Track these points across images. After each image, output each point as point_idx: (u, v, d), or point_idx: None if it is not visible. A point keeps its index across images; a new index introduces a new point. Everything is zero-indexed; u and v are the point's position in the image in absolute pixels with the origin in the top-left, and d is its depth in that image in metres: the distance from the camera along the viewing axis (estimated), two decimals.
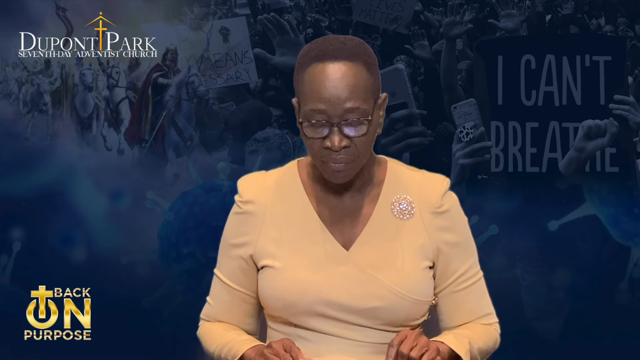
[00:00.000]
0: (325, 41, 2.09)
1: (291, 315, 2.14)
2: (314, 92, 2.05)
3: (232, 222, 2.20)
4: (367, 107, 2.06)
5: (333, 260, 2.12)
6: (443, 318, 2.21)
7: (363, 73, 2.07)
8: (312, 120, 2.05)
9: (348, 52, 2.06)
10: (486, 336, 2.20)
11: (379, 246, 2.13)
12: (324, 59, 2.05)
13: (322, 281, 2.11)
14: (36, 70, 4.74)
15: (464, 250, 2.19)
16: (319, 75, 2.05)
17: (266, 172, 2.23)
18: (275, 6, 4.75)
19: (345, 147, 2.05)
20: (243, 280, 2.20)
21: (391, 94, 4.68)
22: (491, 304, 2.24)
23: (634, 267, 4.59)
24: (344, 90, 2.04)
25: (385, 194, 2.16)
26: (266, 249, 2.15)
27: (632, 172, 4.56)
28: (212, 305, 2.24)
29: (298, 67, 2.09)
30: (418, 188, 2.17)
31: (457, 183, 4.50)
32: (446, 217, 2.16)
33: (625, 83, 4.58)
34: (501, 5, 4.68)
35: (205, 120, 4.74)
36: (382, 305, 2.11)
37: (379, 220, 2.15)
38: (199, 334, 2.27)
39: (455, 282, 2.18)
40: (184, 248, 4.48)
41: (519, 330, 4.50)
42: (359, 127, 2.06)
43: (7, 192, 4.60)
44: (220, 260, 2.23)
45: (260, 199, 2.17)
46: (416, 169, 2.23)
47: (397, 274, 2.12)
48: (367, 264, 2.12)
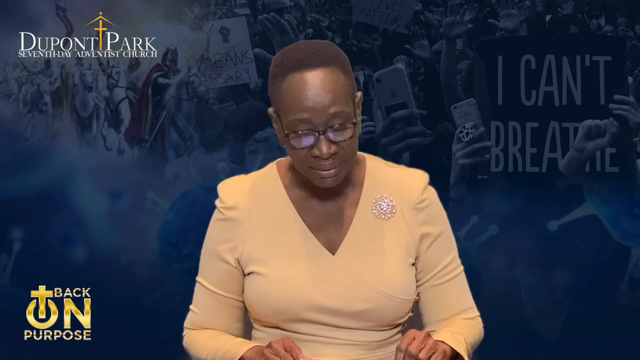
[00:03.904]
0: (297, 49, 2.09)
1: (281, 321, 2.15)
2: (295, 102, 2.04)
3: (216, 229, 2.19)
4: (349, 110, 2.06)
5: (320, 265, 2.13)
6: (426, 313, 2.23)
7: (340, 76, 2.06)
8: (298, 131, 2.04)
9: (323, 58, 2.06)
10: (474, 331, 2.22)
11: (364, 249, 2.14)
12: (300, 68, 2.05)
13: (311, 287, 2.12)
14: (36, 70, 4.74)
15: (445, 244, 2.20)
16: (298, 85, 2.04)
17: (246, 176, 2.22)
18: (275, 6, 4.75)
19: (333, 154, 2.05)
20: (230, 286, 2.19)
21: (391, 94, 4.66)
22: (472, 298, 2.25)
23: (634, 267, 4.59)
24: (326, 96, 2.03)
25: (366, 195, 2.17)
26: (252, 255, 2.15)
27: (632, 172, 4.56)
28: (198, 313, 2.23)
29: (272, 78, 2.09)
30: (398, 185, 2.18)
31: (457, 183, 4.51)
32: (427, 212, 2.18)
33: (625, 83, 4.58)
34: (501, 5, 4.68)
35: (205, 120, 4.74)
36: (371, 308, 2.12)
37: (362, 222, 2.15)
38: (186, 344, 2.25)
39: (436, 276, 2.19)
40: (184, 248, 4.48)
41: (519, 330, 4.50)
42: (344, 132, 2.06)
43: (7, 192, 4.60)
44: (204, 268, 2.21)
45: (242, 204, 2.17)
46: (394, 164, 2.23)
47: (384, 276, 2.13)
48: (353, 267, 2.13)
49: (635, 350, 4.48)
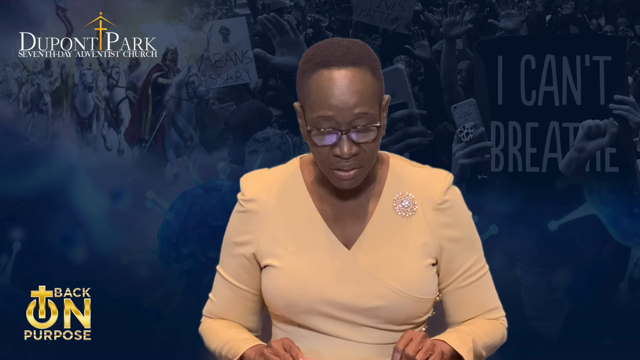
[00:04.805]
0: (329, 46, 2.08)
1: (293, 314, 2.14)
2: (321, 99, 2.03)
3: (235, 221, 2.20)
4: (375, 112, 2.06)
5: (334, 259, 2.12)
6: (450, 314, 2.21)
7: (369, 78, 2.06)
8: (321, 128, 2.04)
9: (354, 58, 2.05)
10: (493, 331, 2.20)
11: (381, 245, 2.13)
12: (330, 65, 2.04)
13: (323, 281, 2.11)
14: (36, 70, 4.74)
15: (468, 246, 2.19)
16: (326, 82, 2.03)
17: (268, 170, 2.22)
18: (275, 6, 4.75)
19: (354, 155, 2.05)
20: (246, 279, 2.20)
21: (391, 94, 4.68)
22: (497, 298, 2.23)
23: (634, 267, 4.59)
24: (352, 96, 2.03)
25: (387, 192, 2.16)
26: (268, 248, 2.15)
27: (632, 172, 4.56)
28: (215, 302, 2.25)
29: (301, 72, 2.08)
30: (420, 184, 2.17)
31: (457, 183, 4.48)
32: (449, 213, 2.17)
33: (625, 83, 4.58)
34: (501, 5, 4.68)
35: (205, 120, 4.74)
36: (384, 305, 2.11)
37: (381, 218, 2.14)
38: (201, 331, 2.27)
39: (460, 278, 2.18)
40: (184, 248, 4.48)
41: (519, 330, 4.48)
42: (367, 133, 2.05)
43: (7, 192, 4.60)
44: (223, 258, 2.22)
45: (262, 197, 2.17)
46: (419, 164, 2.22)
47: (399, 273, 2.11)
48: (368, 263, 2.12)
49: (635, 350, 4.48)
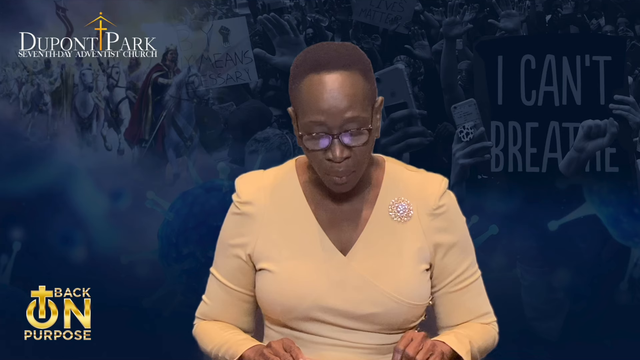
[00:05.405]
0: (319, 50, 2.07)
1: (289, 320, 2.14)
2: (312, 104, 2.03)
3: (230, 223, 2.20)
4: (366, 116, 2.05)
5: (330, 265, 2.12)
6: (441, 317, 2.21)
7: (360, 81, 2.05)
8: (312, 133, 2.03)
9: (344, 61, 2.04)
10: (486, 335, 2.20)
11: (377, 251, 2.12)
12: (320, 69, 2.03)
13: (319, 287, 2.11)
14: (36, 70, 4.74)
15: (462, 251, 2.19)
16: (316, 87, 2.03)
17: (264, 172, 2.21)
18: (275, 6, 4.75)
19: (346, 158, 2.04)
20: (241, 280, 2.19)
21: (391, 94, 4.66)
22: (489, 303, 2.24)
23: (634, 267, 4.59)
24: (343, 100, 2.02)
25: (383, 197, 2.15)
26: (264, 251, 2.15)
27: (632, 172, 4.56)
28: (209, 304, 2.24)
29: (293, 77, 2.08)
30: (416, 189, 2.16)
31: (457, 183, 4.50)
32: (444, 218, 2.16)
33: (625, 83, 4.58)
34: (501, 5, 4.68)
35: (205, 120, 4.74)
36: (380, 311, 2.11)
37: (377, 223, 2.14)
38: (195, 333, 2.26)
39: (452, 283, 2.18)
40: (184, 248, 4.48)
41: (519, 330, 4.50)
42: (359, 137, 2.04)
43: (7, 192, 4.60)
44: (218, 260, 2.22)
45: (258, 199, 2.16)
46: (415, 168, 2.21)
47: (395, 280, 2.11)
48: (364, 269, 2.11)
49: (635, 350, 4.48)
